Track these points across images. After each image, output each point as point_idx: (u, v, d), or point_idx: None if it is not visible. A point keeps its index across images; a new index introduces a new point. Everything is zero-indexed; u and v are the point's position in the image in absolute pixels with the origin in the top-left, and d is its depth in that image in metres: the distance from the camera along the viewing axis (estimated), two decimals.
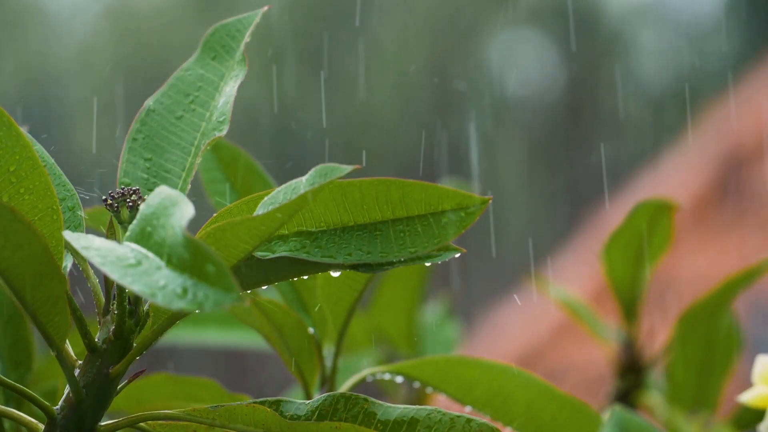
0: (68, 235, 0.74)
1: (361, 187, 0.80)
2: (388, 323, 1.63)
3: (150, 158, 0.90)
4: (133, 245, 0.73)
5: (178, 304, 0.68)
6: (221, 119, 0.91)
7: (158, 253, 0.71)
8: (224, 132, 0.90)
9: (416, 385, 1.04)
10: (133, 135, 0.91)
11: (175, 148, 0.91)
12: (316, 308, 1.07)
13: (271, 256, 0.81)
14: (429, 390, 1.03)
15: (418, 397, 1.63)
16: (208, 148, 1.09)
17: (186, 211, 0.73)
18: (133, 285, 0.69)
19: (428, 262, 0.82)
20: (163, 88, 0.93)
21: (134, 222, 0.75)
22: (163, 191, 0.76)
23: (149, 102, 0.92)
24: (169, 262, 0.70)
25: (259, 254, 0.81)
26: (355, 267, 0.81)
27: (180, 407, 1.05)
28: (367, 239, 0.81)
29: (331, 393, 0.83)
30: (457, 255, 0.83)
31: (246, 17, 0.95)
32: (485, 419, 0.91)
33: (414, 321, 1.63)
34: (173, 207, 0.74)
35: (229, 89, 0.92)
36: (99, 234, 0.85)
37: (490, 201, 0.80)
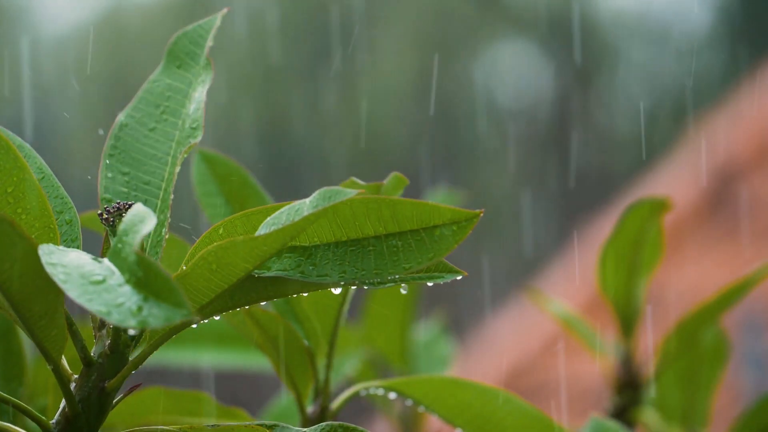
0: (41, 249, 0.75)
1: (352, 205, 0.80)
2: (380, 337, 1.63)
3: (128, 172, 0.91)
4: (107, 261, 0.74)
5: (131, 322, 0.69)
6: (194, 126, 0.92)
7: (122, 270, 0.72)
8: (198, 139, 0.91)
9: (408, 402, 1.03)
10: (109, 151, 0.91)
11: (151, 159, 0.91)
12: (308, 320, 1.07)
13: (267, 274, 0.81)
14: (421, 409, 1.03)
15: (412, 415, 1.63)
16: (201, 160, 1.10)
17: (146, 228, 0.73)
18: (90, 303, 0.69)
19: (431, 282, 0.82)
20: (133, 102, 0.93)
21: (115, 238, 0.76)
22: (136, 208, 0.77)
23: (121, 117, 0.92)
24: (129, 280, 0.71)
25: (254, 271, 0.81)
26: (355, 284, 0.81)
27: (174, 421, 1.05)
28: (361, 255, 0.81)
29: (329, 423, 0.83)
30: (459, 277, 0.83)
31: (206, 22, 0.95)
32: None
33: (406, 336, 1.63)
34: (140, 224, 0.74)
35: (198, 95, 0.93)
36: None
37: (481, 214, 0.80)
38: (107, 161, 0.91)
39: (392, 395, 1.04)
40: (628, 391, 1.48)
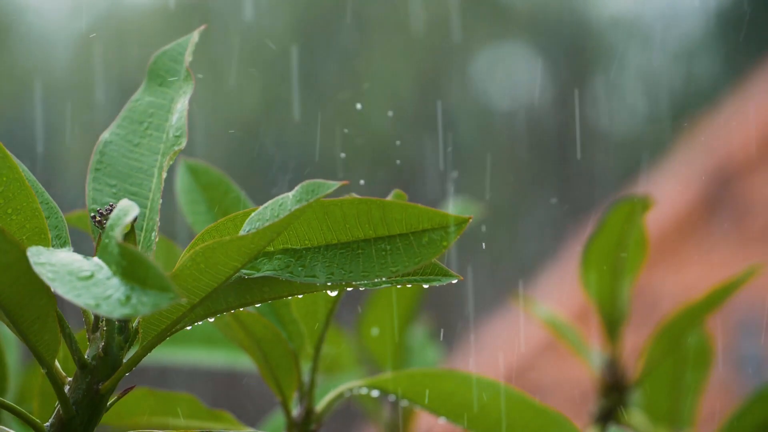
0: (30, 251, 0.76)
1: (343, 206, 0.81)
2: (377, 345, 1.62)
3: (115, 184, 0.92)
4: (96, 258, 0.75)
5: (121, 312, 0.69)
6: (177, 134, 0.93)
7: (109, 263, 0.73)
8: (183, 145, 0.92)
9: (392, 398, 1.04)
10: (95, 165, 0.92)
11: (137, 172, 0.92)
12: (292, 322, 1.07)
13: (257, 275, 0.82)
14: (404, 403, 1.03)
15: (403, 417, 1.63)
16: (185, 170, 1.11)
17: (128, 218, 0.75)
18: (79, 298, 0.70)
19: (426, 284, 0.83)
20: (116, 121, 0.94)
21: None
22: (121, 204, 0.78)
23: (105, 135, 0.93)
24: (117, 272, 0.72)
25: (244, 272, 0.82)
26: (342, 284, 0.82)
27: (159, 422, 1.05)
28: (350, 257, 0.82)
29: None
30: (455, 281, 0.84)
31: (184, 40, 0.97)
32: (459, 430, 0.92)
33: (404, 342, 1.62)
34: (124, 216, 0.76)
35: (180, 106, 0.94)
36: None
37: (470, 220, 0.81)
38: (94, 175, 0.92)
39: (375, 393, 1.05)
40: (613, 393, 1.47)
